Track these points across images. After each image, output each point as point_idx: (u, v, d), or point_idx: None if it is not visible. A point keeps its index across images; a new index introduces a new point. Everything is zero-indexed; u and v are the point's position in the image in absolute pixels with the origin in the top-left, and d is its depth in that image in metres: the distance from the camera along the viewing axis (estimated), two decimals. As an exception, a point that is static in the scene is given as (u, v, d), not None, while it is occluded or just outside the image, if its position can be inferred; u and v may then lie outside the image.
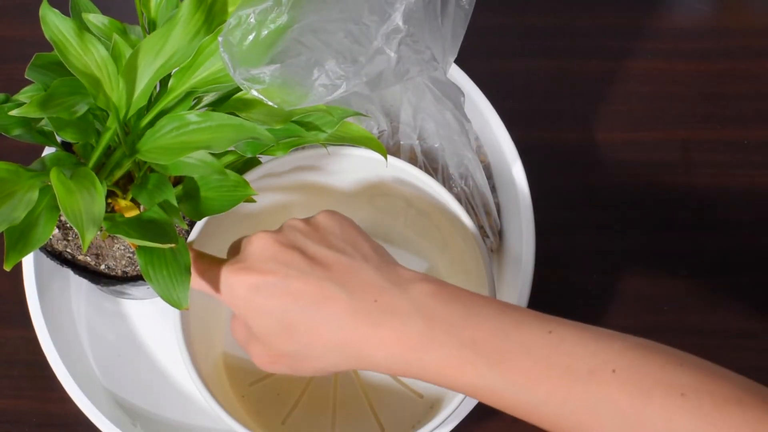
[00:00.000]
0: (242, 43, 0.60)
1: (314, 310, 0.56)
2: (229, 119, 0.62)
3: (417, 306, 0.54)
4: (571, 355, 0.50)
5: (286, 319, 0.56)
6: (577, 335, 0.51)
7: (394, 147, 0.78)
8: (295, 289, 0.56)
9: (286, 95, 0.62)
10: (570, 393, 0.49)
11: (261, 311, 0.57)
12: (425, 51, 0.66)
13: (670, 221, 0.87)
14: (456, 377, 0.53)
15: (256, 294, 0.57)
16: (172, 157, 0.62)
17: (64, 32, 0.63)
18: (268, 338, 0.57)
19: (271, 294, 0.56)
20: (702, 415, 0.46)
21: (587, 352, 0.50)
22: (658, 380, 0.48)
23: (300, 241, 0.58)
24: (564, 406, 0.49)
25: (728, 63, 0.93)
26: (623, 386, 0.48)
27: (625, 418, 0.48)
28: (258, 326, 0.58)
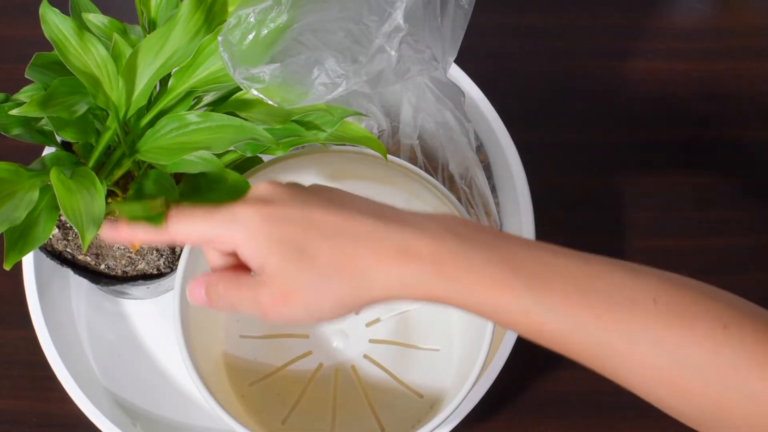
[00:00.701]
0: (242, 42, 0.60)
1: (340, 236, 0.51)
2: (229, 120, 0.62)
3: (448, 228, 0.51)
4: (610, 283, 0.48)
5: (305, 245, 0.51)
6: (614, 266, 0.49)
7: (394, 147, 0.78)
8: (318, 218, 0.51)
9: (286, 94, 0.61)
10: (608, 320, 0.48)
11: (277, 242, 0.51)
12: (426, 50, 0.66)
13: (670, 221, 0.87)
14: (490, 299, 0.49)
15: (273, 224, 0.51)
16: (171, 157, 0.62)
17: (63, 31, 0.63)
18: (282, 273, 0.51)
19: (288, 223, 0.51)
20: (745, 348, 0.46)
21: (626, 282, 0.48)
22: (701, 313, 0.47)
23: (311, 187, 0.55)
24: (601, 333, 0.48)
25: (728, 63, 0.93)
26: (664, 316, 0.47)
27: (665, 348, 0.47)
28: (272, 260, 0.51)
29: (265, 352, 0.77)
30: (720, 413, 0.47)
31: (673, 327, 0.47)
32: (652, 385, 0.48)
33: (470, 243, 0.50)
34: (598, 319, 0.48)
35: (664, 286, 0.48)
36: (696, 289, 0.48)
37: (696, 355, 0.46)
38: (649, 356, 0.47)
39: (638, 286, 0.48)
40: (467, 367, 0.69)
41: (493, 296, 0.49)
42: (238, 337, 0.77)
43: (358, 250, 0.51)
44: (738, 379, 0.46)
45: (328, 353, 0.77)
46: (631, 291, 0.48)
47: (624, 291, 0.48)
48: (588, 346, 0.49)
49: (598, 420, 0.79)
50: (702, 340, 0.46)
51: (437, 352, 0.77)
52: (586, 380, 0.80)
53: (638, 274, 0.49)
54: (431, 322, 0.78)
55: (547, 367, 0.81)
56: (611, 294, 0.48)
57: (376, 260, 0.51)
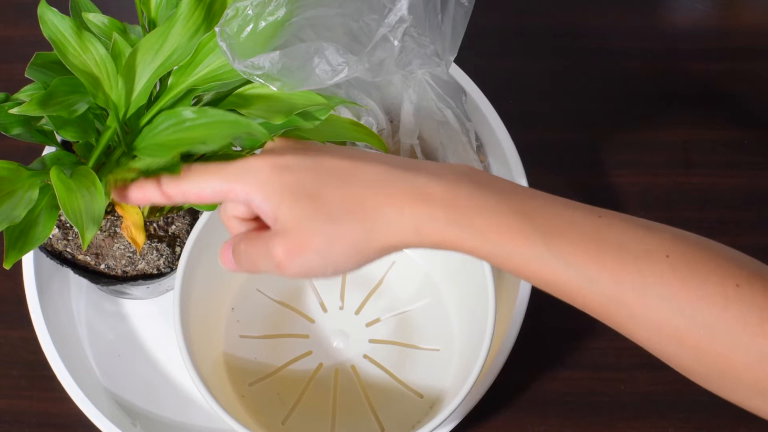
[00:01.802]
0: (239, 34, 0.60)
1: (350, 180, 0.51)
2: (224, 115, 0.62)
3: (463, 173, 0.51)
4: (624, 236, 0.48)
5: (317, 188, 0.51)
6: (629, 221, 0.49)
7: (394, 146, 0.78)
8: (328, 163, 0.51)
9: (287, 79, 0.61)
10: (621, 272, 0.47)
11: (288, 188, 0.51)
12: (429, 45, 0.66)
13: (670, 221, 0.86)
14: (503, 245, 0.49)
15: (285, 171, 0.51)
16: (168, 154, 0.62)
17: (62, 31, 0.63)
18: (294, 221, 0.51)
19: (300, 170, 0.51)
20: (756, 307, 0.46)
21: (638, 237, 0.48)
22: (713, 270, 0.47)
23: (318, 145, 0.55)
24: (613, 285, 0.48)
25: (728, 63, 0.93)
26: (677, 271, 0.47)
27: (676, 302, 0.47)
28: (284, 208, 0.51)
29: (265, 352, 0.77)
30: (728, 370, 0.47)
31: (685, 283, 0.47)
32: (662, 340, 0.48)
33: (486, 189, 0.50)
34: (611, 271, 0.48)
35: (678, 242, 0.48)
36: (709, 248, 0.48)
37: (707, 312, 0.46)
38: (660, 311, 0.47)
39: (652, 241, 0.48)
40: (467, 367, 0.69)
41: (507, 242, 0.49)
42: (238, 337, 0.77)
43: (371, 192, 0.50)
44: (747, 337, 0.46)
45: (328, 353, 0.77)
46: (645, 245, 0.48)
47: (638, 245, 0.48)
48: (599, 297, 0.48)
49: (597, 420, 0.79)
50: (713, 298, 0.46)
51: (437, 352, 0.77)
52: (585, 380, 0.80)
53: (652, 230, 0.49)
54: (431, 322, 0.78)
55: (547, 367, 0.81)
56: (624, 247, 0.48)
57: (389, 203, 0.50)
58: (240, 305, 0.78)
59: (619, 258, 0.48)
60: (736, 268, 0.47)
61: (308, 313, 0.78)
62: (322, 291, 0.79)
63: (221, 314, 0.77)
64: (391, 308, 0.78)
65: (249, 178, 0.52)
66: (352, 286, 0.79)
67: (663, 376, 0.80)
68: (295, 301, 0.79)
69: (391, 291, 0.79)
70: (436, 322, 0.77)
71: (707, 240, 0.49)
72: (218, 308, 0.77)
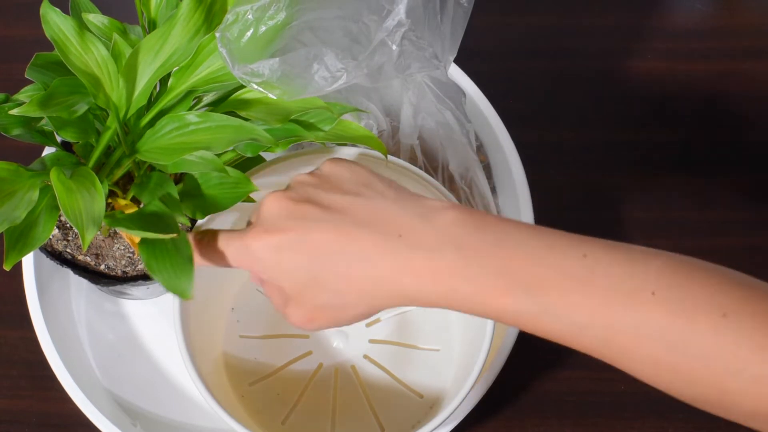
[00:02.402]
0: (240, 39, 0.60)
1: (339, 256, 0.54)
2: (228, 120, 0.62)
3: (445, 236, 0.52)
4: (609, 277, 0.49)
5: (314, 272, 0.54)
6: (612, 257, 0.50)
7: (394, 146, 0.78)
8: (316, 239, 0.54)
9: (286, 86, 0.61)
10: (611, 317, 0.48)
11: (288, 270, 0.55)
12: (427, 48, 0.66)
13: (670, 221, 0.87)
14: (492, 306, 0.51)
15: (279, 253, 0.55)
16: (171, 158, 0.62)
17: (65, 31, 0.63)
18: (302, 296, 0.56)
19: (293, 250, 0.55)
20: (744, 335, 0.46)
21: (624, 274, 0.49)
22: (700, 302, 0.48)
23: (312, 193, 0.57)
24: (606, 330, 0.49)
25: (728, 63, 0.93)
26: (664, 307, 0.48)
27: (669, 339, 0.48)
28: (289, 285, 0.56)
29: (265, 352, 0.77)
30: (726, 398, 0.48)
31: (674, 319, 0.47)
32: (659, 374, 0.49)
33: (468, 252, 0.51)
34: (600, 317, 0.49)
35: (664, 274, 0.49)
36: (695, 276, 0.49)
37: (698, 344, 0.47)
38: (653, 348, 0.48)
39: (638, 277, 0.49)
40: (467, 367, 0.69)
41: (494, 304, 0.51)
42: (238, 337, 0.77)
43: (361, 271, 0.54)
44: (739, 365, 0.47)
45: (328, 353, 0.77)
46: (631, 283, 0.49)
47: (624, 284, 0.49)
48: (592, 341, 0.49)
49: (597, 420, 0.79)
50: (703, 330, 0.47)
51: (437, 352, 0.77)
52: (585, 381, 0.80)
53: (637, 263, 0.50)
54: (431, 322, 0.78)
55: (546, 367, 0.81)
56: (611, 289, 0.49)
57: (377, 281, 0.53)
58: (240, 305, 0.78)
59: (607, 302, 0.49)
60: (723, 296, 0.48)
61: (308, 313, 0.78)
62: (322, 291, 0.79)
63: (221, 314, 0.77)
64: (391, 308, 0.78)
65: (251, 261, 0.57)
66: (352, 286, 0.79)
67: (663, 376, 0.80)
68: (295, 301, 0.79)
69: (391, 291, 0.79)
70: (436, 322, 0.77)
71: (693, 263, 0.50)
72: (218, 308, 0.77)
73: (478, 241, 0.52)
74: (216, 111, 0.64)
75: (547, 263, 0.50)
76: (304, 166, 0.74)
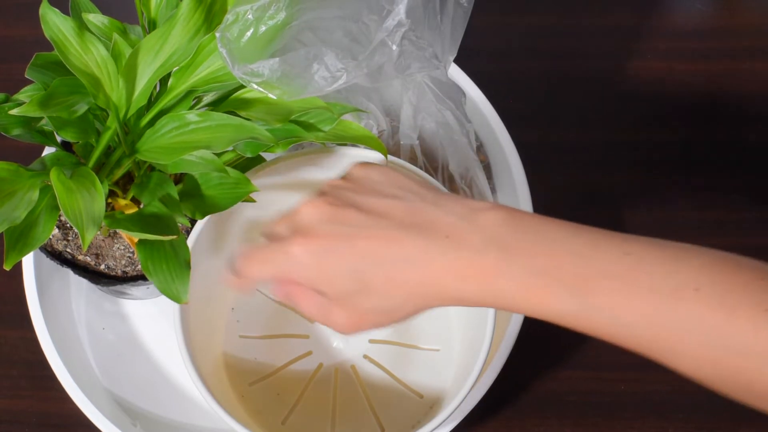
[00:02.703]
0: (240, 39, 0.60)
1: (385, 261, 0.54)
2: (228, 119, 0.62)
3: (488, 236, 0.53)
4: (652, 275, 0.50)
5: (359, 277, 0.54)
6: (654, 254, 0.51)
7: (394, 147, 0.78)
8: (362, 246, 0.54)
9: (286, 86, 0.61)
10: (655, 314, 0.49)
11: (332, 276, 0.55)
12: (427, 48, 0.66)
13: (670, 221, 0.87)
14: (538, 305, 0.51)
15: (323, 259, 0.55)
16: (171, 157, 0.62)
17: (64, 31, 0.63)
18: (347, 301, 0.55)
19: (338, 256, 0.54)
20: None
21: (667, 272, 0.50)
22: (741, 298, 0.48)
23: (350, 198, 0.56)
24: (650, 327, 0.49)
25: (728, 63, 0.93)
26: (707, 303, 0.48)
27: (712, 335, 0.48)
28: (333, 291, 0.55)
29: (265, 352, 0.77)
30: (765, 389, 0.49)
31: (715, 315, 0.48)
32: (702, 368, 0.50)
33: (511, 251, 0.52)
34: (645, 315, 0.49)
35: (705, 271, 0.49)
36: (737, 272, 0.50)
37: (739, 339, 0.48)
38: (696, 344, 0.49)
39: (680, 275, 0.49)
40: (467, 367, 0.69)
41: (539, 303, 0.51)
42: (238, 337, 0.77)
43: (407, 274, 0.54)
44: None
45: (328, 353, 0.77)
46: (675, 280, 0.49)
47: (667, 282, 0.49)
48: (637, 340, 0.50)
49: (597, 420, 0.79)
50: (743, 325, 0.48)
51: (437, 352, 0.77)
52: (585, 380, 0.80)
53: (679, 261, 0.50)
54: (431, 322, 0.77)
55: (546, 367, 0.81)
56: (654, 287, 0.49)
57: (424, 284, 0.54)
58: (240, 305, 0.78)
59: (651, 300, 0.49)
60: (762, 292, 0.48)
61: (308, 313, 0.78)
62: (322, 291, 0.79)
63: (221, 314, 0.77)
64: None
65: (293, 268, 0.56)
66: (352, 286, 0.79)
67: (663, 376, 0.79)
68: (295, 301, 0.79)
69: (391, 291, 0.79)
70: (436, 322, 0.77)
71: (735, 259, 0.50)
72: (218, 308, 0.77)
73: (521, 241, 0.52)
74: (216, 111, 0.64)
75: (591, 262, 0.51)
76: (304, 166, 0.74)
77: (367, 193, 0.56)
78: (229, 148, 0.62)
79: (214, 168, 0.64)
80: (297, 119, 0.67)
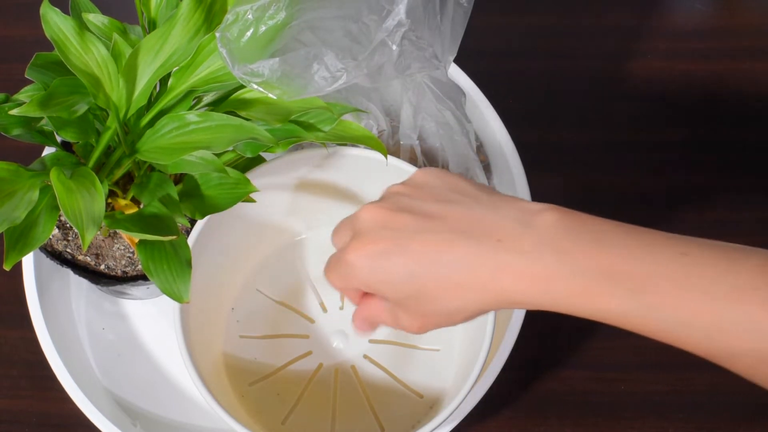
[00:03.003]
0: (240, 39, 0.60)
1: (439, 266, 0.54)
2: (228, 119, 0.63)
3: (543, 239, 0.53)
4: (709, 275, 0.50)
5: (415, 282, 0.54)
6: (710, 254, 0.51)
7: (394, 147, 0.78)
8: (415, 249, 0.54)
9: (286, 87, 0.61)
10: (712, 314, 0.49)
11: (389, 281, 0.55)
12: (427, 48, 0.66)
13: (670, 221, 0.87)
14: (592, 306, 0.52)
15: (379, 264, 0.55)
16: (171, 157, 0.62)
17: (65, 31, 0.63)
18: (407, 305, 0.56)
19: (394, 261, 0.55)
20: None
21: (724, 271, 0.50)
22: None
23: (407, 203, 0.56)
24: (708, 328, 0.50)
25: (728, 63, 0.93)
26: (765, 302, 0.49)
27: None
28: (393, 295, 0.56)
29: (265, 352, 0.77)
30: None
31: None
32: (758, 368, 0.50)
33: (567, 254, 0.52)
34: (703, 315, 0.50)
35: (762, 272, 0.50)
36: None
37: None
38: (755, 343, 0.49)
39: (737, 275, 0.50)
40: (467, 367, 0.69)
41: (598, 306, 0.52)
42: (238, 337, 0.77)
43: (462, 278, 0.54)
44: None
45: (328, 353, 0.77)
46: (731, 281, 0.50)
47: (724, 282, 0.50)
48: (697, 340, 0.51)
49: (597, 420, 0.79)
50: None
51: (437, 352, 0.77)
52: (585, 381, 0.80)
53: (736, 261, 0.50)
54: (431, 322, 0.77)
55: (546, 367, 0.81)
56: (712, 287, 0.50)
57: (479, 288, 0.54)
58: (240, 305, 0.78)
59: (709, 300, 0.50)
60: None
61: (308, 314, 0.78)
62: (322, 291, 0.79)
63: (221, 314, 0.77)
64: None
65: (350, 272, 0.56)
66: (352, 286, 0.79)
67: (663, 376, 0.80)
68: (295, 301, 0.79)
69: (391, 291, 0.79)
70: (436, 322, 0.77)
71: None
72: (218, 308, 0.77)
73: (577, 243, 0.52)
74: (216, 111, 0.64)
75: (647, 263, 0.51)
76: (304, 166, 0.74)
77: (422, 198, 0.57)
78: (229, 148, 0.62)
79: (214, 168, 0.64)
80: (297, 119, 0.67)
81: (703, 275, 0.50)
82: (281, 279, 0.79)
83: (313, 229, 0.80)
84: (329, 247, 0.72)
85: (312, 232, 0.80)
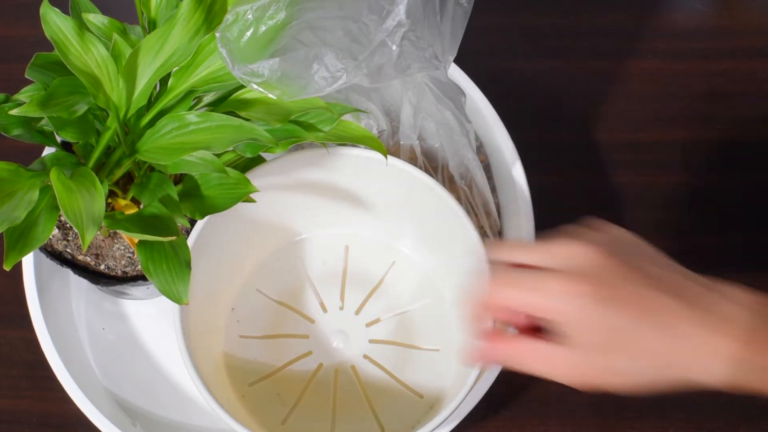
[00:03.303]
0: (240, 39, 0.60)
1: (653, 326, 0.54)
2: (228, 120, 0.63)
3: (749, 309, 0.54)
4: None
5: (619, 335, 0.55)
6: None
7: (394, 147, 0.78)
8: (643, 307, 0.55)
9: (286, 87, 0.61)
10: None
11: (593, 326, 0.55)
12: (427, 48, 0.66)
13: (670, 221, 0.87)
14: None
15: (601, 308, 0.55)
16: (171, 157, 0.62)
17: (64, 31, 0.63)
18: (589, 352, 0.56)
19: (616, 311, 0.55)
20: None
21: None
22: None
23: (634, 260, 0.57)
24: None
25: (728, 63, 0.93)
26: None
27: None
28: (582, 340, 0.55)
29: (265, 352, 0.77)
30: None
31: None
32: None
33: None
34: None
35: None
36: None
37: None
38: None
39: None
40: (467, 368, 0.69)
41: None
42: (238, 337, 0.77)
43: (665, 339, 0.54)
44: None
45: (328, 353, 0.77)
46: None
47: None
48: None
49: (597, 420, 0.79)
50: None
51: (437, 352, 0.77)
52: (586, 380, 0.80)
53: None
54: (431, 322, 0.78)
55: (547, 367, 0.81)
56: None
57: (679, 346, 0.54)
58: (240, 305, 0.78)
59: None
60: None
61: (308, 314, 0.78)
62: (322, 291, 0.79)
63: (221, 314, 0.77)
64: (391, 308, 0.78)
65: (572, 307, 0.55)
66: (352, 286, 0.79)
67: (663, 376, 0.80)
68: (295, 301, 0.79)
69: (391, 291, 0.79)
70: (436, 322, 0.77)
71: None
72: (218, 308, 0.77)
73: None
74: (216, 111, 0.64)
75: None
76: (304, 166, 0.74)
77: (646, 260, 0.57)
78: (229, 148, 0.62)
79: (214, 168, 0.64)
80: (297, 119, 0.67)
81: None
82: (281, 279, 0.79)
83: (313, 229, 0.80)
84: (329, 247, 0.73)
85: (312, 232, 0.80)
